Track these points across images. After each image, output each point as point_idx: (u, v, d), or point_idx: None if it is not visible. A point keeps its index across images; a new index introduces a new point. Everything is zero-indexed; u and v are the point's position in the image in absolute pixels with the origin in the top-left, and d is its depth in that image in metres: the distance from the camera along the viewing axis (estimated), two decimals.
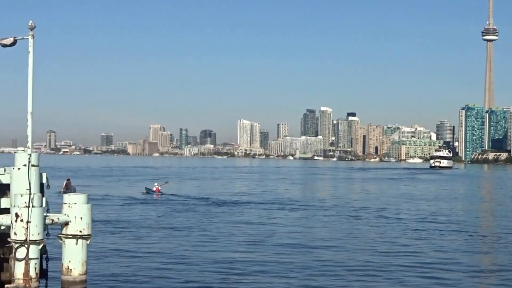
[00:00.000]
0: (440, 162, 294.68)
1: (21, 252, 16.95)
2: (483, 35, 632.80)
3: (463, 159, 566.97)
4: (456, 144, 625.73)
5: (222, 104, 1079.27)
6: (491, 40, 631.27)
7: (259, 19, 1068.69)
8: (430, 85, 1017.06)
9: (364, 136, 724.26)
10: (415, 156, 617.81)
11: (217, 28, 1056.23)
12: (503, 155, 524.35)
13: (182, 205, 59.20)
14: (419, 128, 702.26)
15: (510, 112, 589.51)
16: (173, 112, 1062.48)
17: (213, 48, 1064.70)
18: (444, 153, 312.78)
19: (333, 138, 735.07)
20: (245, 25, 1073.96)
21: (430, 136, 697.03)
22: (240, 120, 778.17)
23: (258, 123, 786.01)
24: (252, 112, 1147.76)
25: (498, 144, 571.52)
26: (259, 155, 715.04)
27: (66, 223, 17.91)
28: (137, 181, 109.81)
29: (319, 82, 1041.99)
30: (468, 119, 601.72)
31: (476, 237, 40.21)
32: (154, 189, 74.15)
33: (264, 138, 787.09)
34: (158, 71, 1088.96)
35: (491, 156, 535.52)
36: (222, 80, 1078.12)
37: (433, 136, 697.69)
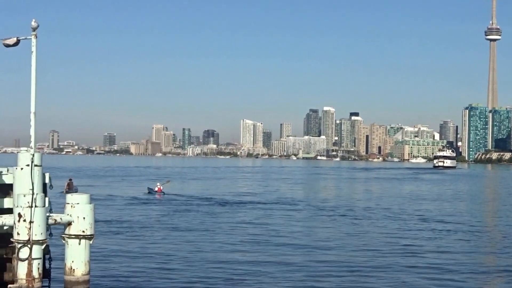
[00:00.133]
0: (444, 162, 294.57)
1: (24, 252, 16.93)
2: (486, 35, 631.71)
3: (467, 159, 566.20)
4: (460, 144, 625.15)
5: (225, 104, 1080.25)
6: (494, 40, 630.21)
7: (262, 19, 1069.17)
8: (433, 85, 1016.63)
9: (367, 136, 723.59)
10: (418, 156, 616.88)
11: (220, 28, 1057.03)
12: (507, 155, 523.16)
13: (185, 205, 59.16)
14: (422, 128, 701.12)
15: None
16: (176, 112, 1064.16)
17: (216, 48, 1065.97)
18: (447, 153, 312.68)
19: (336, 138, 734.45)
20: (248, 26, 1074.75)
21: (433, 136, 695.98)
22: (243, 120, 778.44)
23: (261, 123, 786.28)
24: (255, 112, 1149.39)
25: (502, 144, 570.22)
26: (262, 155, 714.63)
27: (69, 223, 17.89)
28: (139, 181, 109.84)
29: (322, 82, 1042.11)
30: (471, 119, 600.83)
31: (480, 238, 40.09)
32: (156, 189, 74.10)
33: (267, 138, 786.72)
34: (161, 71, 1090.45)
35: (494, 156, 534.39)
36: (225, 80, 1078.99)
37: (436, 136, 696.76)
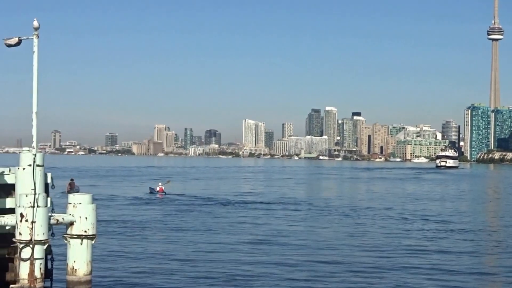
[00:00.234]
0: (446, 161, 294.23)
1: (26, 252, 16.93)
2: (489, 34, 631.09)
3: (469, 158, 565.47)
4: (462, 143, 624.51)
5: (227, 104, 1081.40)
6: (496, 39, 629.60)
7: (264, 19, 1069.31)
8: (436, 84, 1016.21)
9: (369, 136, 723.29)
10: (421, 156, 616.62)
11: (222, 28, 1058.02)
12: (509, 155, 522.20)
13: (187, 205, 59.11)
14: (424, 128, 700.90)
15: None
16: (178, 112, 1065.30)
17: (218, 48, 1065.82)
18: (450, 152, 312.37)
19: (338, 138, 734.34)
20: (250, 25, 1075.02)
21: (436, 135, 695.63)
22: (245, 120, 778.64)
23: (263, 123, 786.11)
24: (257, 111, 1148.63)
25: (504, 144, 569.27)
26: (264, 155, 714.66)
27: (71, 223, 17.90)
28: (141, 181, 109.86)
29: (324, 82, 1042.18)
30: (473, 118, 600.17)
31: (483, 238, 40.01)
32: (157, 189, 74.05)
33: (269, 138, 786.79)
34: (163, 71, 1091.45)
35: (497, 155, 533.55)
36: (227, 80, 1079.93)
37: (439, 135, 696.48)
